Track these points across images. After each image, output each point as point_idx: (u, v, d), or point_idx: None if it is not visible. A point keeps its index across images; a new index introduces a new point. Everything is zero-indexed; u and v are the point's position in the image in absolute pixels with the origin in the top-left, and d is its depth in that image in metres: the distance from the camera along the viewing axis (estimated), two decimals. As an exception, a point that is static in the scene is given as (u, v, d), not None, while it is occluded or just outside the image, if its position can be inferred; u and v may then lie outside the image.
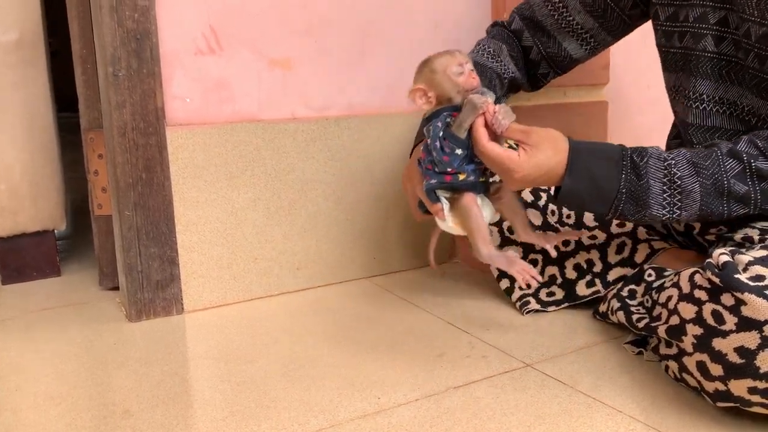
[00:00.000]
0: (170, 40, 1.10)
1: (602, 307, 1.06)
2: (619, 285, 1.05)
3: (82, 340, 1.06)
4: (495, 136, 0.85)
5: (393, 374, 0.92)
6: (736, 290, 0.72)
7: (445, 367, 0.93)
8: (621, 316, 0.99)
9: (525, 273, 0.88)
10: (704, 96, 0.96)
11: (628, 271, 1.07)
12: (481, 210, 0.88)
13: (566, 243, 1.11)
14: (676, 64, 1.00)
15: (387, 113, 1.30)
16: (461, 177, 0.87)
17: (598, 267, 1.10)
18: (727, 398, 0.75)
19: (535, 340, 1.02)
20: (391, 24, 1.28)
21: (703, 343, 0.76)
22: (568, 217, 1.11)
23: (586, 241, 1.11)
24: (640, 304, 0.99)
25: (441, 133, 0.86)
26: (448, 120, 0.85)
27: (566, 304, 1.11)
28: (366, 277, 1.33)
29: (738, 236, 0.92)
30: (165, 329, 1.09)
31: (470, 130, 0.84)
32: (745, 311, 0.71)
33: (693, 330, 0.77)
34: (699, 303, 0.77)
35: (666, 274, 1.01)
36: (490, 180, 0.92)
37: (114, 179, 1.11)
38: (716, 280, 0.74)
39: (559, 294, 1.11)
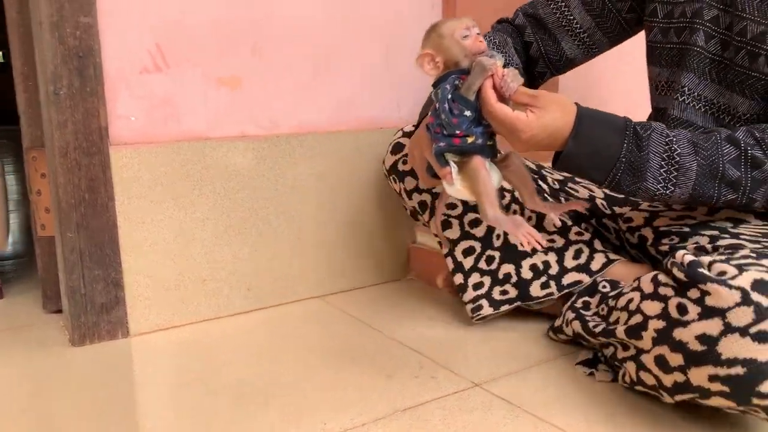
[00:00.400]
0: (115, 58, 1.08)
1: (557, 322, 1.06)
2: (573, 298, 1.06)
3: (23, 365, 1.02)
4: (503, 99, 0.85)
5: (341, 397, 0.90)
6: (701, 282, 0.74)
7: (393, 388, 0.92)
8: (577, 325, 0.99)
9: (530, 237, 0.87)
10: (685, 89, 0.99)
11: (583, 277, 1.08)
12: (490, 173, 0.88)
13: None
14: (672, 59, 1.02)
15: (337, 131, 1.29)
16: (470, 140, 0.86)
17: (554, 270, 1.10)
18: (686, 389, 0.76)
19: (486, 359, 1.02)
20: (341, 44, 1.28)
21: (663, 336, 0.77)
22: (529, 219, 1.12)
23: (544, 243, 1.11)
24: (595, 314, 1.00)
25: (450, 96, 0.85)
26: (457, 83, 0.85)
27: (518, 303, 1.11)
28: (319, 296, 1.31)
29: (690, 245, 0.94)
30: (109, 353, 1.07)
31: (478, 93, 0.84)
32: (709, 301, 0.73)
33: (655, 324, 0.78)
34: (665, 299, 0.78)
35: (621, 285, 1.02)
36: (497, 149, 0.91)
37: (56, 200, 1.08)
38: (681, 275, 0.76)
39: (513, 293, 1.11)
